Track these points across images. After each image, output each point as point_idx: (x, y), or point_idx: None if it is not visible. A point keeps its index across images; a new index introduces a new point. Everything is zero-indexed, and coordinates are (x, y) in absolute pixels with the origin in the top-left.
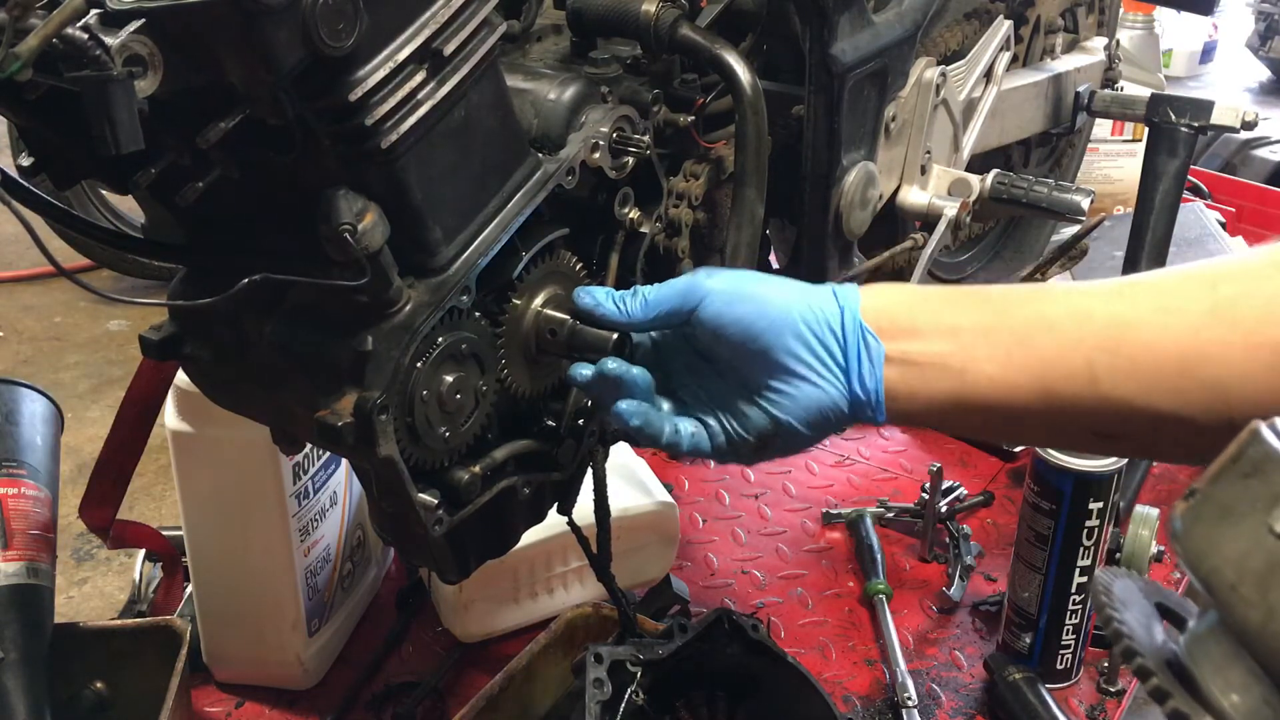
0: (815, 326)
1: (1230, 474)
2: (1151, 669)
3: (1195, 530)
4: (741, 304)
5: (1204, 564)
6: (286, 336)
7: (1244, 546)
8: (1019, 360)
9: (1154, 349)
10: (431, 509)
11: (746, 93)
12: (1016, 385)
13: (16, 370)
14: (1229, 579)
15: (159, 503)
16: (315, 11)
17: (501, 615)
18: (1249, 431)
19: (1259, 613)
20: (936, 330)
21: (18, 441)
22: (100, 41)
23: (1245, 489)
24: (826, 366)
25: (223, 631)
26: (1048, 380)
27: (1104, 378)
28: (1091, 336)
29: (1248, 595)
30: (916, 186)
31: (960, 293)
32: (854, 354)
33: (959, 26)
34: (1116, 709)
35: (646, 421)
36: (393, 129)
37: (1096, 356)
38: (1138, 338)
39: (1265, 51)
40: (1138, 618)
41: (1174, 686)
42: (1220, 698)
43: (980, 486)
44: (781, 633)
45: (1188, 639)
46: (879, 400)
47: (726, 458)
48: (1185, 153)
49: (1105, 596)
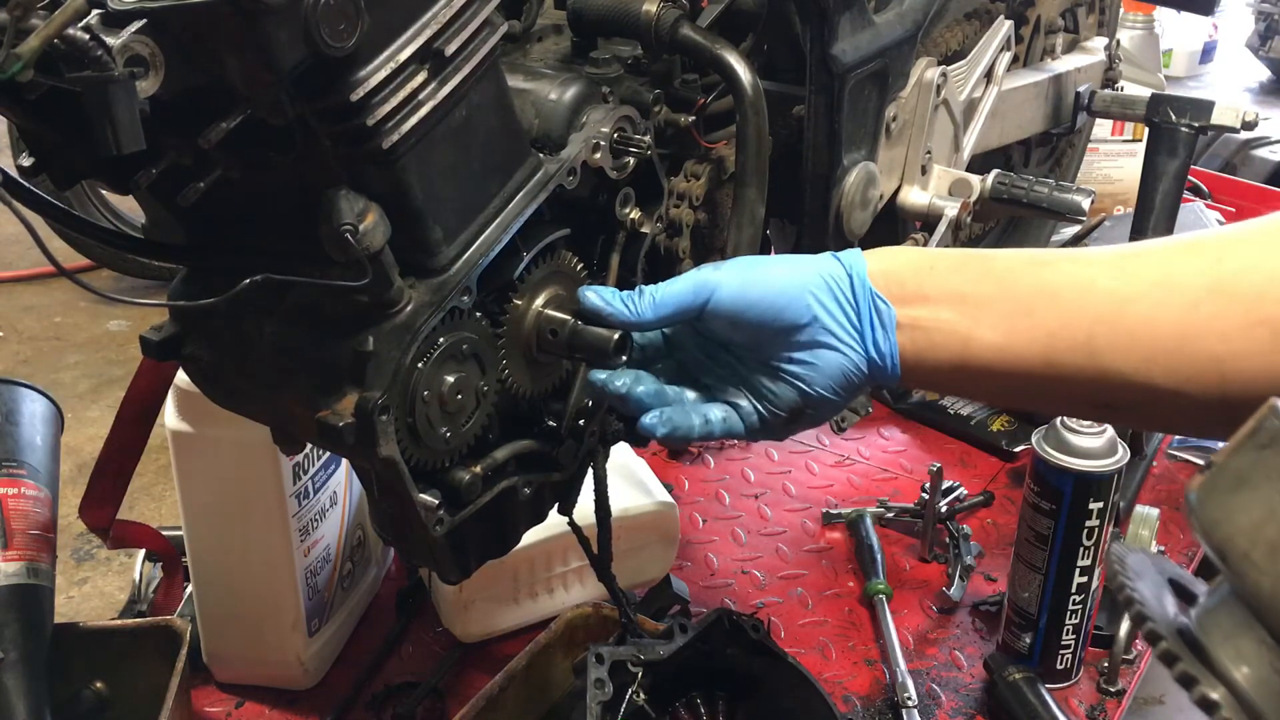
0: (828, 295)
1: (1247, 446)
2: (1162, 633)
3: (1210, 500)
4: (753, 288)
5: (1218, 532)
6: (287, 336)
7: (1258, 515)
8: (1022, 330)
9: (1153, 324)
10: (432, 509)
11: (747, 93)
12: (1019, 354)
13: (16, 370)
14: (1242, 547)
15: (159, 503)
16: (316, 11)
17: (501, 615)
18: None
19: (1270, 579)
20: (943, 296)
21: (18, 441)
22: (101, 42)
23: (1261, 459)
24: (844, 329)
25: (223, 631)
26: (1050, 351)
27: (1103, 350)
28: (1093, 309)
29: (1260, 562)
30: (917, 187)
31: (965, 258)
32: (867, 318)
33: (959, 27)
34: (1116, 709)
35: (674, 426)
36: (394, 129)
37: (1097, 329)
38: (1137, 311)
39: (1265, 51)
40: (1150, 588)
41: (1184, 651)
42: (1230, 666)
43: (980, 486)
44: (781, 633)
45: (1199, 612)
46: (895, 362)
47: (759, 435)
48: (1185, 153)
49: (1119, 566)
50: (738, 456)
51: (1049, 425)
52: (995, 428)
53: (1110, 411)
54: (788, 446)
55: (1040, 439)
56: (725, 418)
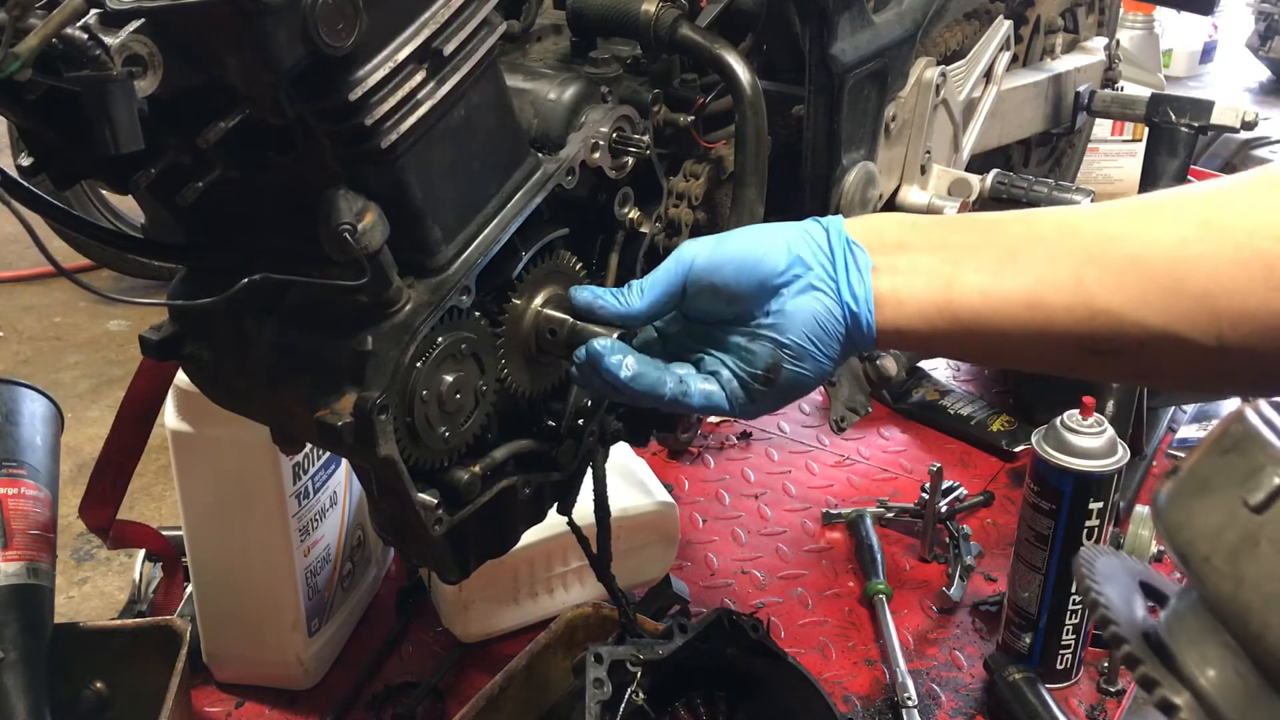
0: (803, 244)
1: (1212, 451)
2: (1125, 636)
3: (1174, 504)
4: (729, 245)
5: (1180, 536)
6: (286, 336)
7: (1219, 519)
8: (1008, 272)
9: (1143, 261)
10: (431, 509)
11: (746, 92)
12: (1005, 296)
13: (16, 370)
14: (1203, 551)
15: (159, 503)
16: (315, 11)
17: (501, 615)
18: (1235, 412)
19: (1230, 583)
20: (925, 244)
21: (18, 441)
22: (100, 41)
23: (1224, 464)
24: (819, 275)
25: (223, 631)
26: (1037, 291)
27: (1093, 289)
28: (1081, 249)
29: (1220, 566)
30: (916, 186)
31: (950, 216)
32: (841, 263)
33: (959, 26)
34: (1116, 709)
35: (640, 374)
36: (392, 129)
37: (1085, 269)
38: (1127, 250)
39: (1265, 51)
40: (1118, 592)
41: (1147, 655)
42: (1195, 670)
43: (980, 486)
44: (781, 633)
45: (1166, 615)
46: (869, 307)
47: (744, 407)
48: (1185, 153)
49: (1086, 569)
50: (738, 457)
51: (1049, 425)
52: (995, 428)
53: (1100, 359)
54: (788, 446)
55: (1040, 439)
56: (704, 385)
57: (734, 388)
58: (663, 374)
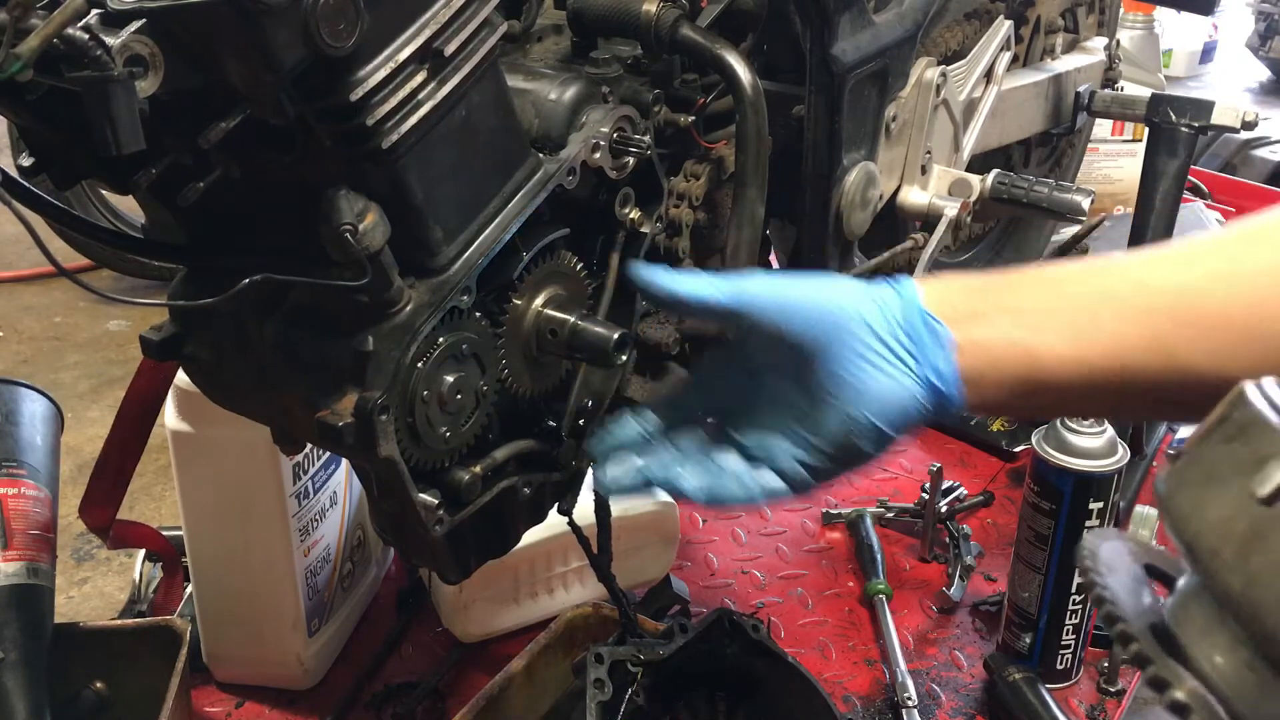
0: (878, 318)
1: (1215, 437)
2: (1133, 634)
3: (1180, 494)
4: (798, 290)
5: (1187, 529)
6: (287, 336)
7: (1226, 512)
8: (1089, 336)
9: (1219, 314)
10: (432, 509)
11: (747, 93)
12: (1088, 362)
13: (16, 370)
14: (1211, 544)
15: (159, 503)
16: (316, 11)
17: (501, 615)
18: (1235, 393)
19: (1240, 578)
20: (1000, 312)
21: (18, 441)
22: (101, 42)
23: (1229, 453)
24: (896, 354)
25: (223, 631)
26: (1120, 354)
27: (1175, 347)
28: (1160, 306)
29: (1229, 561)
30: (917, 186)
31: (1014, 276)
32: (922, 341)
33: (959, 26)
34: (1116, 709)
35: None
36: (393, 129)
37: (1164, 326)
38: (1203, 305)
39: (1265, 51)
40: (1124, 581)
41: (1156, 652)
42: (1205, 663)
43: (980, 486)
44: (781, 633)
45: (1174, 601)
46: (958, 387)
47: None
48: (1185, 153)
49: (1090, 560)
50: None
51: (1049, 425)
52: (995, 428)
53: (1185, 411)
54: None
55: (1040, 439)
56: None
57: (794, 468)
58: (719, 479)
